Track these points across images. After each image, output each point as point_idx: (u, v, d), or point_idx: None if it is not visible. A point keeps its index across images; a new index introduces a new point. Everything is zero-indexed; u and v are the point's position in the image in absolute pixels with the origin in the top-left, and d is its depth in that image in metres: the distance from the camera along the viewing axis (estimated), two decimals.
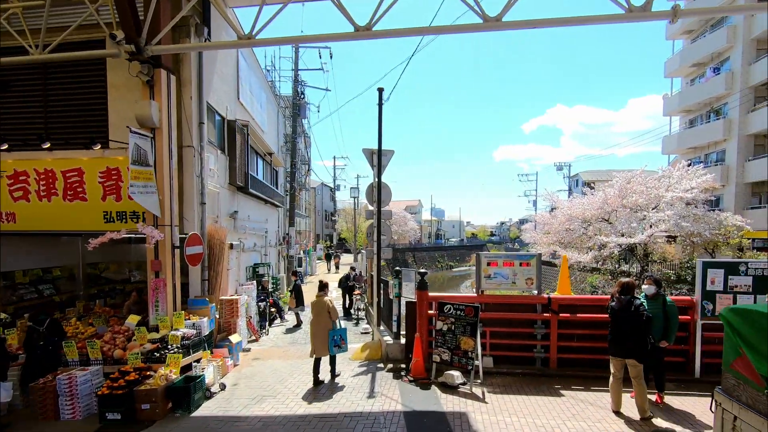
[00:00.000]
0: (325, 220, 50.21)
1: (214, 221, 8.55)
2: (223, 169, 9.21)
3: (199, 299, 7.35)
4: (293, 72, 18.42)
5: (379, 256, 8.47)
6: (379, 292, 8.60)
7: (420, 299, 6.68)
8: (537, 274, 6.52)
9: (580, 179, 42.97)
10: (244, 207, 11.19)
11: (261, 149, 12.84)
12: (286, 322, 11.97)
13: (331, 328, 6.65)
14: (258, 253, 13.09)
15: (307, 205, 35.53)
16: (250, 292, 10.46)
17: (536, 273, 6.53)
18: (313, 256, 29.78)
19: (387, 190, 8.79)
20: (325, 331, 6.59)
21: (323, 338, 6.56)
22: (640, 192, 21.55)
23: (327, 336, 6.57)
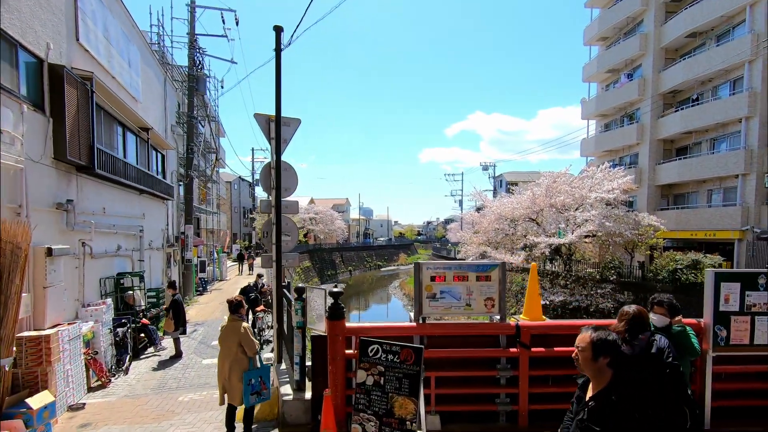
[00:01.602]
0: (244, 218, 45.78)
1: (14, 213, 5.47)
2: (39, 136, 6.10)
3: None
4: (188, 36, 15.05)
5: (278, 263, 6.03)
6: (280, 314, 6.18)
7: (333, 333, 4.40)
8: (500, 291, 4.58)
9: (504, 180, 43.83)
10: (95, 196, 8.02)
11: (127, 120, 9.62)
12: (162, 351, 8.95)
13: (246, 367, 4.49)
14: (126, 259, 9.85)
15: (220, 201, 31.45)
16: (101, 314, 7.39)
17: (499, 290, 4.59)
18: (224, 259, 26.07)
19: (290, 172, 6.38)
20: (237, 371, 4.46)
21: (235, 380, 4.46)
22: (566, 192, 21.42)
23: (239, 378, 4.43)
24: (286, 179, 6.11)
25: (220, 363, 4.56)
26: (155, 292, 10.97)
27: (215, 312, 14.02)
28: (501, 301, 4.59)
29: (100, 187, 8.21)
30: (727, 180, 21.23)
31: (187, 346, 9.43)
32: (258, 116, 6.06)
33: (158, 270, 12.82)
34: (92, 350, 6.97)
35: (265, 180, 6.24)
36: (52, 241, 6.19)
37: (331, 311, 4.41)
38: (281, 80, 5.85)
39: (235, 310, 4.60)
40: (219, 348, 4.71)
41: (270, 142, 6.16)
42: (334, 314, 4.40)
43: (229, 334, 4.51)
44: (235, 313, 4.60)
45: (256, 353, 4.54)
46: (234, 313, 4.60)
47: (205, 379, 7.28)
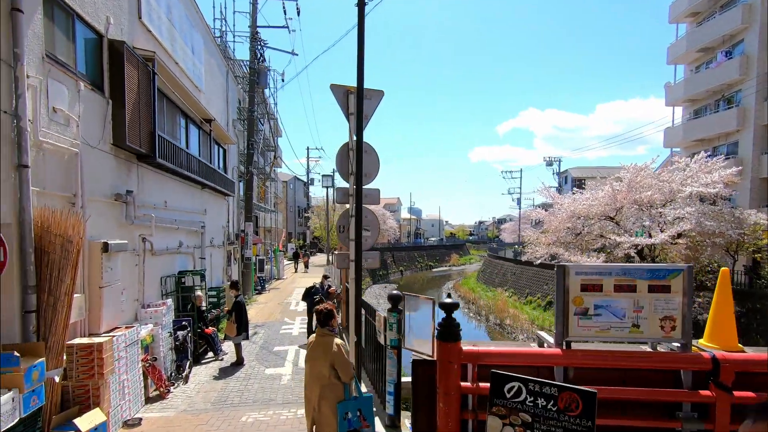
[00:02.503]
0: (299, 217, 46.23)
1: (69, 203, 4.86)
2: (97, 118, 5.51)
3: (1, 355, 3.67)
4: (250, 29, 14.67)
5: (358, 262, 4.98)
6: (359, 326, 5.13)
7: (445, 359, 3.24)
8: (684, 308, 3.20)
9: (570, 175, 40.69)
10: (156, 188, 7.48)
11: (190, 109, 9.11)
12: (222, 358, 8.30)
13: (341, 396, 3.45)
14: (188, 257, 9.36)
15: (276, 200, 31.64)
16: (161, 316, 6.79)
17: (683, 306, 3.21)
18: (281, 257, 25.96)
19: (372, 155, 5.33)
20: (330, 401, 3.43)
21: (327, 411, 3.43)
22: (653, 187, 18.89)
23: (332, 409, 3.41)
24: (366, 164, 5.05)
25: (307, 388, 3.55)
26: (216, 291, 10.47)
27: (275, 313, 13.45)
28: (685, 323, 3.21)
29: (161, 179, 7.68)
30: None
31: (248, 351, 8.75)
32: (335, 87, 5.06)
33: (219, 268, 12.43)
34: (151, 356, 6.35)
35: (342, 163, 5.23)
36: (109, 236, 5.60)
37: (443, 329, 3.26)
38: (364, 41, 4.80)
39: (324, 322, 3.55)
40: (304, 366, 3.71)
41: (348, 118, 5.14)
42: (448, 333, 3.25)
43: (319, 352, 3.47)
44: (325, 326, 3.55)
45: (352, 378, 3.48)
46: (324, 326, 3.55)
47: (270, 393, 6.43)
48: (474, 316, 30.15)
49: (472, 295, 35.97)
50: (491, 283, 38.91)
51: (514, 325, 25.48)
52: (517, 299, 30.83)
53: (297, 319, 12.29)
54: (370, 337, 5.14)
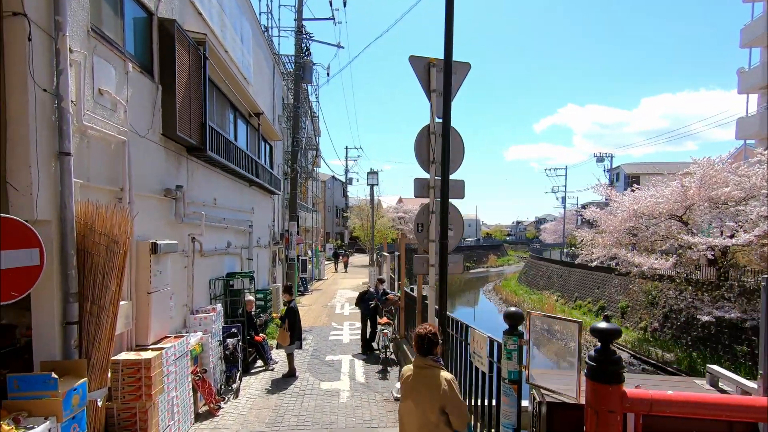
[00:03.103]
0: (336, 217, 46.05)
1: (115, 198, 4.31)
2: (146, 105, 4.96)
3: (36, 377, 3.10)
4: (296, 22, 14.17)
5: (443, 267, 4.12)
6: (449, 342, 4.26)
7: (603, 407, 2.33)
8: None
9: (623, 172, 38.09)
10: (205, 184, 6.95)
11: (239, 101, 8.59)
12: (272, 368, 7.70)
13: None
14: (235, 257, 8.86)
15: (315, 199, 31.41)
16: (211, 323, 6.23)
17: None
18: (321, 258, 25.58)
19: (457, 140, 4.47)
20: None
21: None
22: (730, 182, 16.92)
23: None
24: (453, 147, 4.20)
25: (405, 429, 2.72)
26: (263, 294, 9.94)
27: (321, 316, 12.86)
28: None
29: (210, 174, 7.15)
30: None
31: (299, 361, 8.11)
32: (414, 60, 4.24)
33: (265, 270, 11.96)
34: (200, 368, 5.78)
35: (422, 150, 4.40)
36: (157, 236, 5.05)
37: (600, 366, 2.35)
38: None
39: (428, 349, 2.68)
40: (399, 406, 2.90)
41: (429, 96, 4.31)
42: (607, 372, 2.34)
43: (421, 388, 2.63)
44: (427, 354, 2.70)
45: (467, 424, 2.62)
46: (426, 354, 2.70)
47: (329, 413, 5.70)
48: None
49: (515, 298, 34.38)
50: (535, 285, 37.09)
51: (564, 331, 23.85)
52: (565, 303, 29.08)
53: (345, 324, 11.62)
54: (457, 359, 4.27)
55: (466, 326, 3.97)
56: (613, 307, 24.00)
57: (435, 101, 4.32)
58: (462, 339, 4.07)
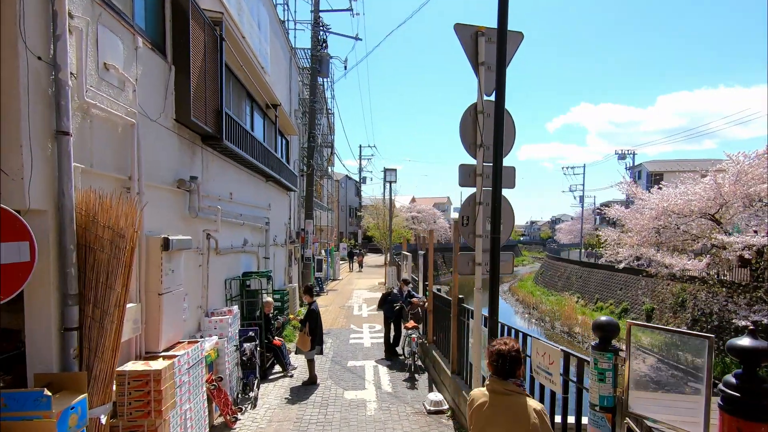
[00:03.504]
0: (350, 217, 45.65)
1: (122, 187, 3.84)
2: (158, 86, 4.50)
3: (26, 394, 2.62)
4: (312, 14, 13.72)
5: (495, 267, 3.55)
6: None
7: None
8: None
9: (645, 170, 36.87)
10: (221, 176, 6.49)
11: (256, 91, 8.13)
12: (291, 374, 7.21)
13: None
14: (252, 256, 8.40)
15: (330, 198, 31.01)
16: (227, 326, 5.76)
17: None
18: (336, 257, 25.14)
19: (509, 120, 3.90)
20: None
21: None
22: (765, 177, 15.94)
23: None
24: (507, 129, 3.64)
25: None
26: (280, 294, 9.48)
27: (338, 318, 12.36)
28: None
29: (226, 167, 6.70)
30: None
31: (319, 366, 7.60)
32: (460, 28, 3.68)
33: (281, 269, 11.51)
34: (216, 375, 5.31)
35: (468, 131, 3.84)
36: (170, 230, 4.58)
37: (747, 397, 1.76)
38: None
39: (510, 371, 2.09)
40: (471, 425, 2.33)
41: (477, 70, 3.75)
42: (758, 407, 1.75)
43: (502, 421, 2.04)
44: (509, 377, 2.12)
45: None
46: (507, 376, 2.11)
47: (356, 429, 5.17)
48: (537, 323, 27.86)
49: (532, 299, 33.55)
50: (552, 286, 36.17)
51: (585, 333, 23.03)
52: (585, 305, 28.19)
53: (364, 326, 11.10)
54: None
55: (524, 335, 3.39)
56: (638, 309, 23.12)
57: (483, 75, 3.76)
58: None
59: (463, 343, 5.32)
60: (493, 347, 2.12)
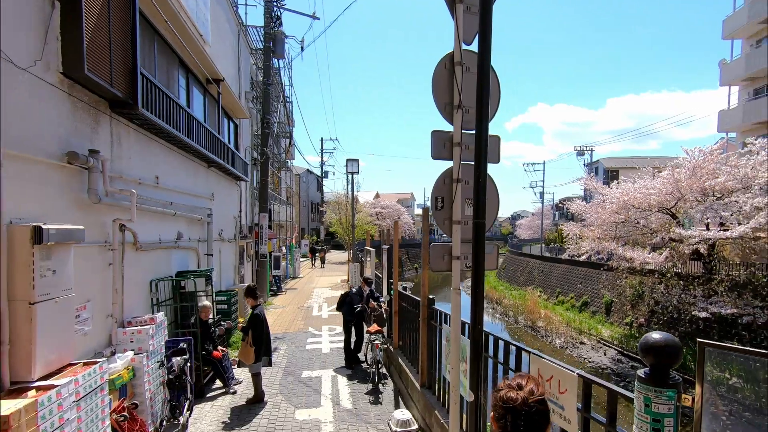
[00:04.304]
0: (312, 213, 44.21)
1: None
2: (32, 25, 3.35)
3: None
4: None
5: (478, 260, 2.74)
6: (477, 376, 2.86)
7: None
8: None
9: (602, 166, 37.94)
10: (142, 155, 5.33)
11: (195, 62, 6.94)
12: (234, 390, 6.16)
13: None
14: (190, 253, 7.24)
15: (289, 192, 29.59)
16: (147, 339, 4.66)
17: None
18: (296, 254, 23.90)
19: (494, 77, 3.09)
20: None
21: None
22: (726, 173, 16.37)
23: None
24: (491, 90, 2.83)
25: None
26: (226, 296, 8.36)
27: (296, 320, 11.32)
28: None
29: (149, 144, 5.53)
30: None
31: (269, 378, 6.62)
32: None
33: (229, 267, 10.33)
34: (129, 401, 4.21)
35: (442, 88, 3.00)
36: (54, 218, 3.45)
37: None
38: None
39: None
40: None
41: (453, 10, 2.92)
42: None
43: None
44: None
45: None
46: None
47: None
48: (501, 318, 27.89)
49: (496, 294, 33.73)
50: (515, 281, 36.58)
51: (548, 327, 23.16)
52: (547, 299, 28.51)
53: (324, 329, 10.14)
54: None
55: (518, 349, 2.60)
56: (597, 302, 23.45)
57: (461, 18, 2.93)
58: (509, 367, 2.70)
59: (435, 352, 4.52)
60: (498, 392, 1.27)
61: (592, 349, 19.62)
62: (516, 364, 2.65)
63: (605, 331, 20.81)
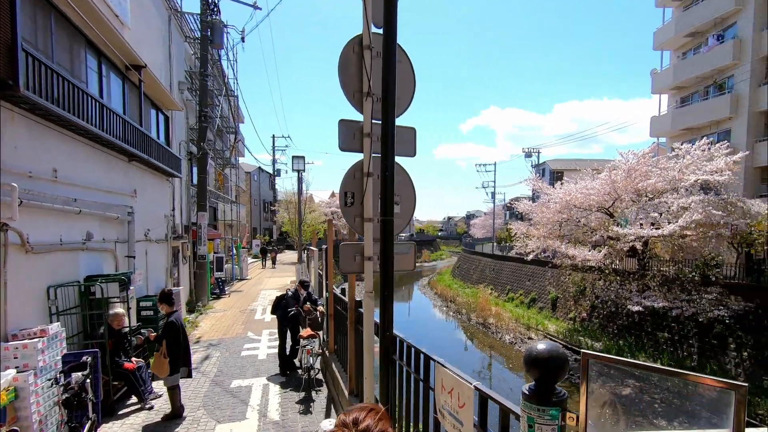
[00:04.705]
0: (264, 212, 42.85)
1: None
2: None
3: None
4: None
5: (387, 261, 2.52)
6: (396, 377, 2.64)
7: None
8: None
9: (548, 168, 39.61)
10: (32, 145, 4.69)
11: (108, 46, 6.28)
12: (151, 405, 5.61)
13: None
14: (105, 255, 6.56)
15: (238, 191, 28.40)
16: (35, 353, 4.09)
17: None
18: (243, 255, 22.96)
19: (407, 63, 2.88)
20: None
21: None
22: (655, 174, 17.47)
23: None
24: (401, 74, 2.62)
25: None
26: (152, 301, 7.69)
27: (235, 324, 10.73)
28: None
29: (46, 135, 4.88)
30: None
31: (194, 389, 6.12)
32: None
33: (160, 270, 9.58)
34: (8, 428, 3.65)
35: (350, 74, 2.76)
36: None
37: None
38: None
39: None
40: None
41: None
42: None
43: None
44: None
45: None
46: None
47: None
48: (454, 316, 28.35)
49: (450, 292, 34.29)
50: (468, 279, 37.36)
51: (498, 324, 23.78)
52: (498, 296, 29.29)
53: (264, 333, 9.66)
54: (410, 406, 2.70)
55: (426, 357, 2.40)
56: (545, 298, 24.32)
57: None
58: (419, 377, 2.50)
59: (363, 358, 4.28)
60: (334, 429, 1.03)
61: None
62: (424, 369, 2.45)
63: (551, 326, 21.60)
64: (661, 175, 17.33)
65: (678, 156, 18.14)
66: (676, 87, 25.28)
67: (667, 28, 25.40)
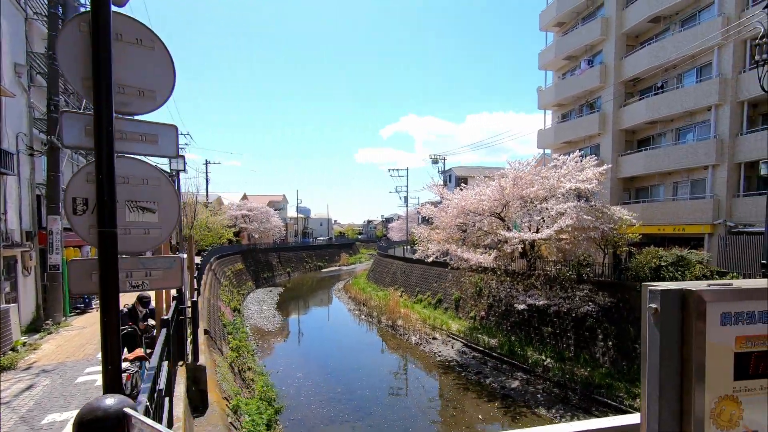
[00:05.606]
0: None
1: None
2: None
3: None
4: None
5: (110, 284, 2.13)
6: None
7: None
8: None
9: (454, 174, 41.74)
10: None
11: None
12: None
13: None
14: None
15: None
16: None
17: None
18: None
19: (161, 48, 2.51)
20: None
21: None
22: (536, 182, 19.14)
23: None
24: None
25: None
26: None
27: (89, 344, 9.40)
28: None
29: None
30: (695, 171, 20.18)
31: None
32: None
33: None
34: None
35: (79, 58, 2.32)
36: None
37: None
38: None
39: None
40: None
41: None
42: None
43: None
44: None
45: None
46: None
47: None
48: (366, 319, 28.41)
49: (363, 295, 34.39)
50: (382, 282, 37.80)
51: (407, 326, 24.30)
52: (408, 298, 29.98)
53: None
54: None
55: None
56: (449, 299, 25.31)
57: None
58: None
59: None
60: None
61: (443, 344, 21.00)
62: None
63: (454, 325, 22.51)
64: (542, 183, 18.99)
65: (556, 166, 20.09)
66: (557, 104, 28.15)
67: (549, 51, 28.21)
